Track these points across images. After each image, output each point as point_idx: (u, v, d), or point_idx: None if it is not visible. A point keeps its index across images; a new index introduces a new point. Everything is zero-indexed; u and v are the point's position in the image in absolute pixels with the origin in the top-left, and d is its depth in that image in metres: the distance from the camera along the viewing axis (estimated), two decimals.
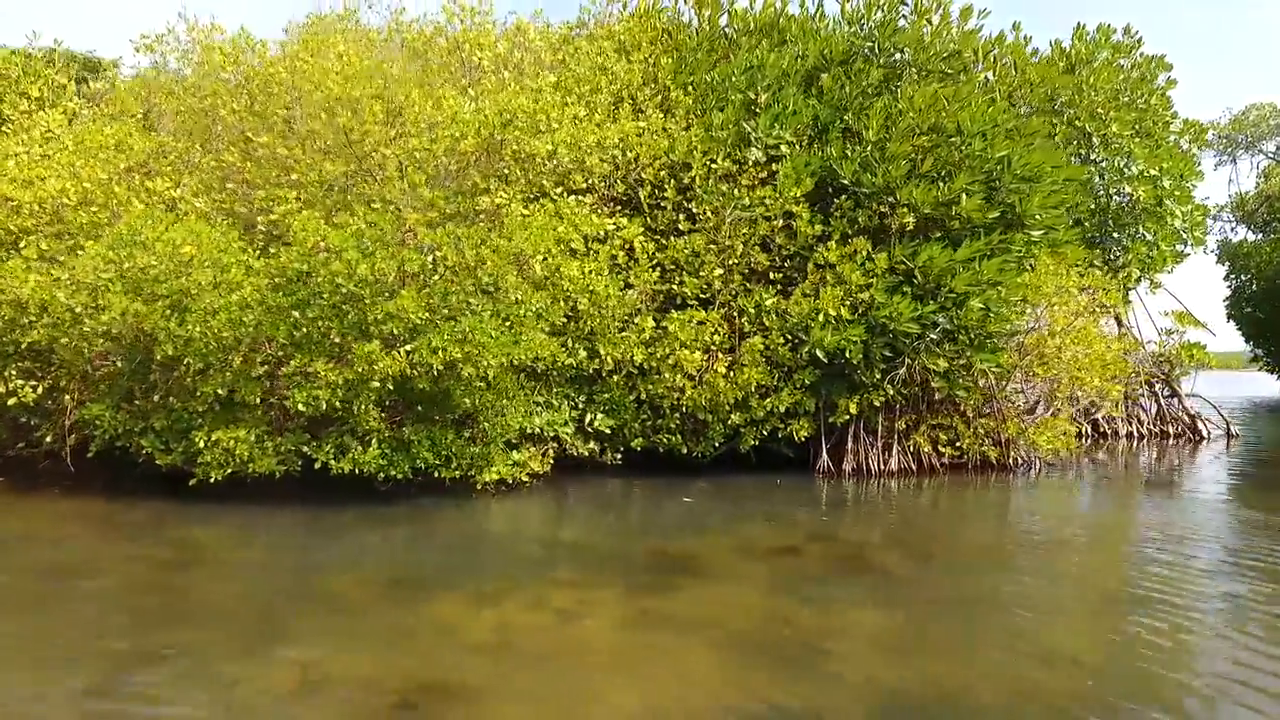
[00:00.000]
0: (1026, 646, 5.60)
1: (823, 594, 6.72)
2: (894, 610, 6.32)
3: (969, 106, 12.46)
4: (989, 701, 4.69)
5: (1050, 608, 6.50)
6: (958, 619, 6.18)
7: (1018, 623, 6.14)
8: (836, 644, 5.58)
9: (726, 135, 12.64)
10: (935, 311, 12.16)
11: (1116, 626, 6.00)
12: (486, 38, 13.60)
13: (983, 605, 6.56)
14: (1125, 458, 17.07)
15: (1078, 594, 6.96)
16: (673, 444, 12.83)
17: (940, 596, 6.75)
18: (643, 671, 5.09)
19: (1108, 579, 7.48)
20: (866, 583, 7.15)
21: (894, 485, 12.53)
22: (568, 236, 11.25)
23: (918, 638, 5.73)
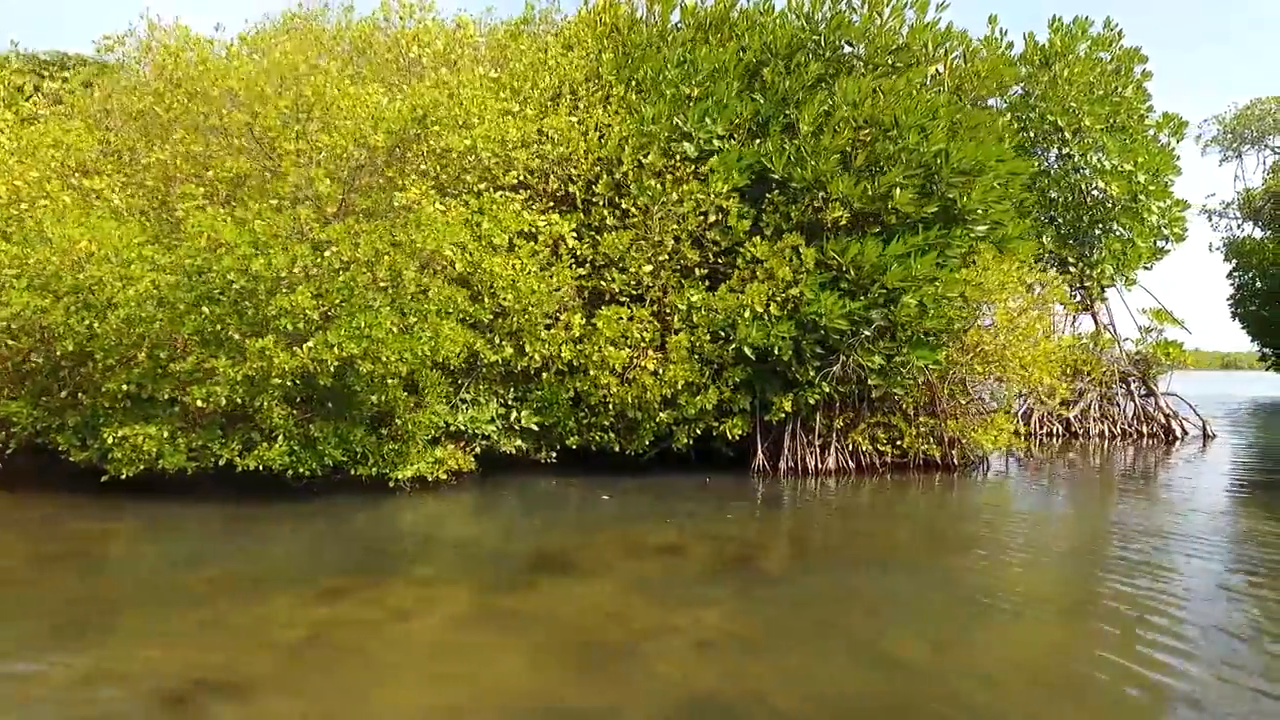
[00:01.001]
0: (864, 649, 5.45)
1: (681, 594, 6.59)
2: (746, 611, 6.18)
3: (905, 99, 12.25)
4: (784, 705, 4.56)
5: (914, 611, 6.32)
6: (809, 620, 6.02)
7: (870, 624, 5.98)
8: (666, 644, 5.46)
9: (660, 130, 12.51)
10: (867, 308, 11.97)
11: (968, 631, 5.84)
12: (427, 35, 13.55)
13: (845, 606, 6.40)
14: (1088, 458, 16.74)
15: (951, 597, 6.76)
16: (605, 442, 12.73)
17: (805, 597, 6.59)
18: (447, 670, 5.01)
19: (992, 582, 7.27)
20: (735, 583, 7.00)
21: (829, 484, 12.36)
22: (489, 233, 11.19)
23: (753, 639, 5.59)
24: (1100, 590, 6.89)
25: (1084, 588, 7.07)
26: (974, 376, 13.21)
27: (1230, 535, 9.02)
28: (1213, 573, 7.37)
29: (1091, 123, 19.66)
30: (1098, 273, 20.48)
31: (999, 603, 6.48)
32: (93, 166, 12.99)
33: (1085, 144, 19.75)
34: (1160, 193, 20.26)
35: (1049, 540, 9.13)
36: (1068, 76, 20.13)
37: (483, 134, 10.95)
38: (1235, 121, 45.05)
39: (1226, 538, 8.88)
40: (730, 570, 7.44)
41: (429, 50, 13.41)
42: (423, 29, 13.49)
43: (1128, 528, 9.59)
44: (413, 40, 13.29)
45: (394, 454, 10.69)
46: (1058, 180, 20.43)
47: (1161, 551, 8.19)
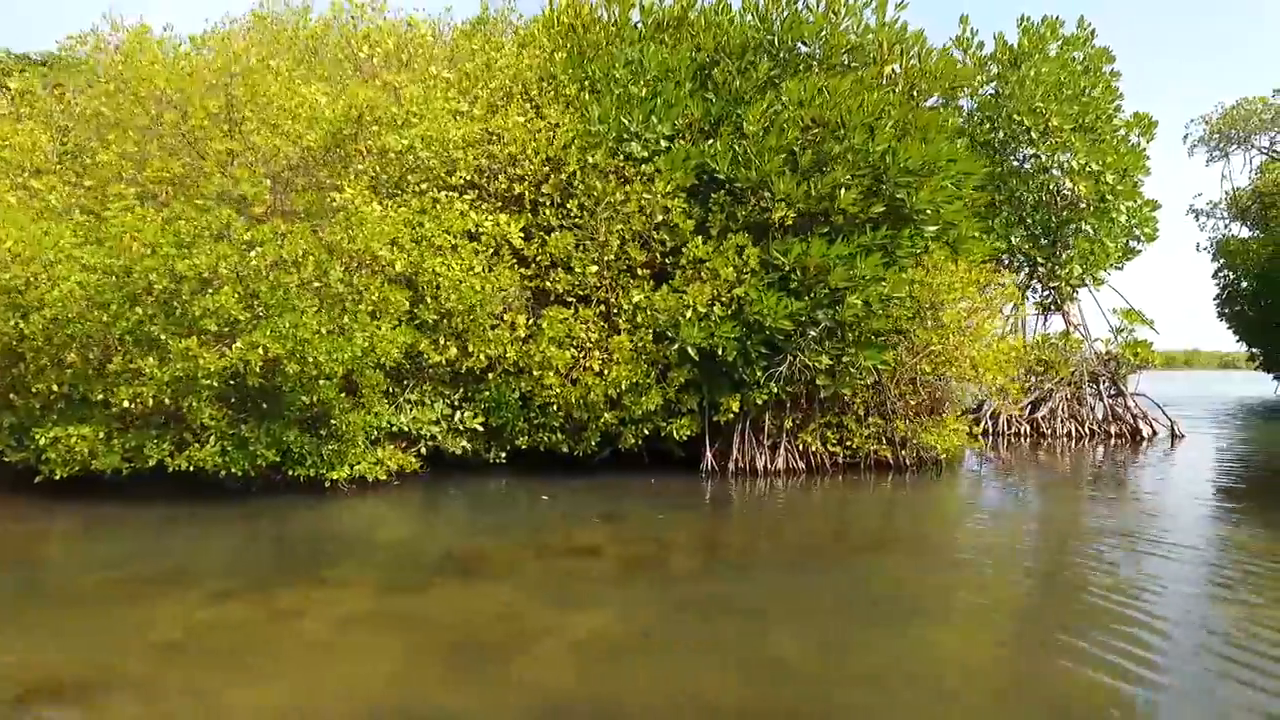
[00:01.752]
0: (746, 651, 5.43)
1: (580, 596, 6.58)
2: (639, 613, 6.16)
3: (851, 99, 12.22)
4: (640, 708, 4.54)
5: (811, 612, 6.29)
6: (701, 622, 6.00)
7: (761, 626, 5.94)
8: (543, 646, 5.44)
9: (608, 130, 12.49)
10: (812, 308, 11.96)
11: (860, 633, 5.81)
12: (378, 34, 13.55)
13: (741, 608, 6.37)
14: (1052, 458, 16.71)
15: (856, 598, 6.72)
16: (553, 443, 12.72)
17: (705, 599, 6.56)
18: (313, 670, 4.99)
19: (904, 583, 7.25)
20: (639, 585, 6.99)
21: (777, 485, 12.33)
22: (431, 234, 11.18)
23: (635, 642, 5.57)
24: (1013, 592, 6.88)
25: (997, 589, 7.05)
26: (927, 377, 13.15)
27: (1170, 536, 8.99)
28: (1141, 574, 7.35)
29: (1059, 122, 19.62)
30: (1065, 272, 20.45)
31: (903, 604, 6.47)
32: (47, 167, 12.99)
33: (1052, 144, 19.72)
34: (1129, 193, 20.23)
35: (977, 541, 9.11)
36: (1035, 76, 20.11)
37: (421, 134, 10.93)
38: (1221, 121, 45.01)
39: (1167, 538, 8.86)
40: (639, 572, 7.42)
41: (380, 50, 13.41)
42: (373, 29, 13.48)
43: (1067, 527, 9.59)
44: (363, 40, 13.28)
45: (333, 455, 10.69)
46: (1026, 180, 20.41)
47: (1094, 552, 8.17)
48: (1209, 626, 5.83)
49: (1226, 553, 8.21)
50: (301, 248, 9.06)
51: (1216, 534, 9.13)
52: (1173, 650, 5.37)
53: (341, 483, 10.70)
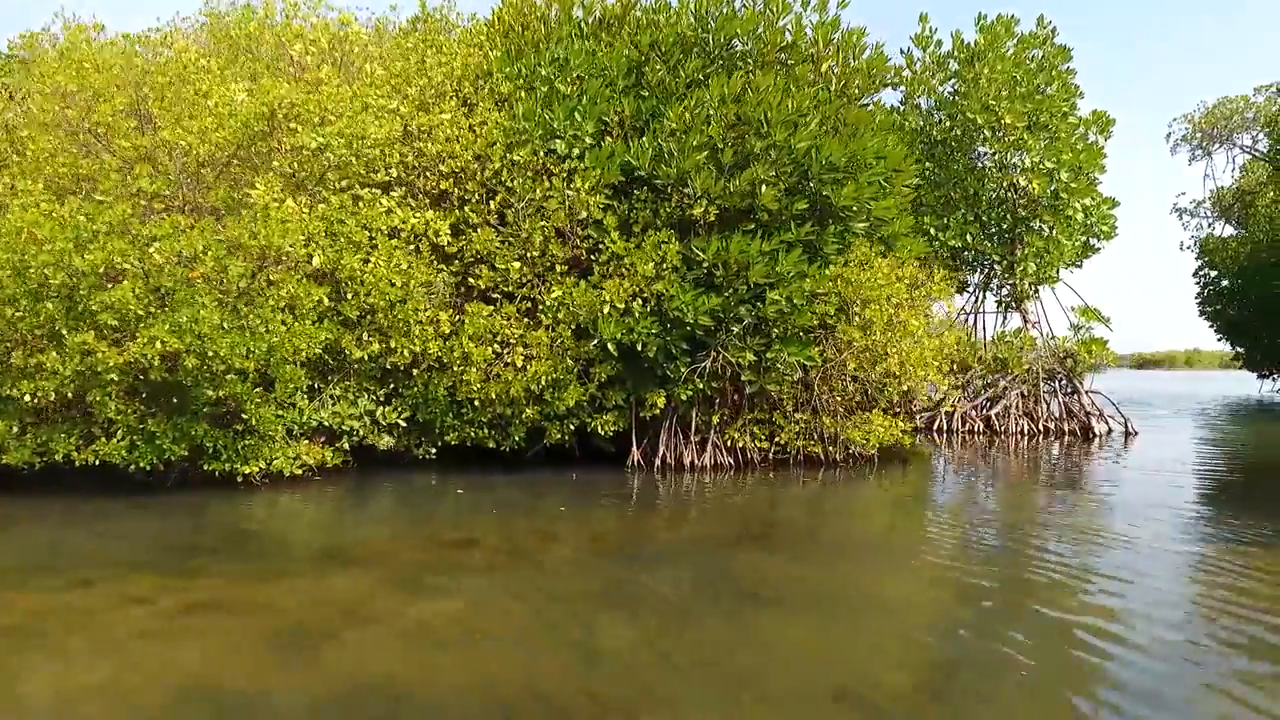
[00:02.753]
0: (574, 639, 5.48)
1: (435, 586, 6.64)
2: (485, 603, 6.21)
3: (772, 96, 12.27)
4: (443, 692, 4.59)
5: (656, 603, 6.31)
6: (542, 612, 6.03)
7: (600, 616, 5.99)
8: (371, 633, 5.49)
9: (535, 128, 12.56)
10: (734, 304, 12.01)
11: (696, 624, 5.85)
12: (313, 32, 13.63)
13: (591, 599, 6.41)
14: (1003, 454, 16.75)
15: (714, 591, 6.73)
16: (480, 438, 12.80)
17: (553, 589, 6.57)
18: (128, 655, 5.06)
19: (771, 575, 7.29)
20: (496, 574, 7.04)
21: (703, 480, 12.36)
22: (348, 231, 11.26)
23: (466, 630, 5.61)
24: (888, 587, 6.91)
25: (872, 583, 7.07)
26: (854, 373, 13.19)
27: (1070, 530, 9.04)
28: (1025, 569, 7.41)
29: (1012, 120, 19.66)
30: (1020, 270, 20.48)
31: (764, 597, 6.49)
32: None
33: (1006, 142, 19.76)
34: (1083, 190, 20.25)
35: (875, 535, 9.15)
36: (989, 75, 20.16)
37: (339, 131, 11.01)
38: (1204, 120, 44.91)
39: (1065, 532, 8.90)
40: (508, 562, 7.47)
41: (314, 48, 13.49)
42: (306, 28, 13.56)
43: (973, 521, 9.63)
44: (295, 38, 13.36)
45: (247, 449, 10.77)
46: (982, 178, 20.45)
47: (991, 545, 8.23)
48: (1076, 626, 5.88)
49: (1114, 545, 8.26)
50: (201, 244, 9.13)
51: (1111, 526, 9.16)
52: (1024, 647, 5.42)
53: (254, 477, 10.78)
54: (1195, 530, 9.03)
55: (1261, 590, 6.56)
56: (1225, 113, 44.02)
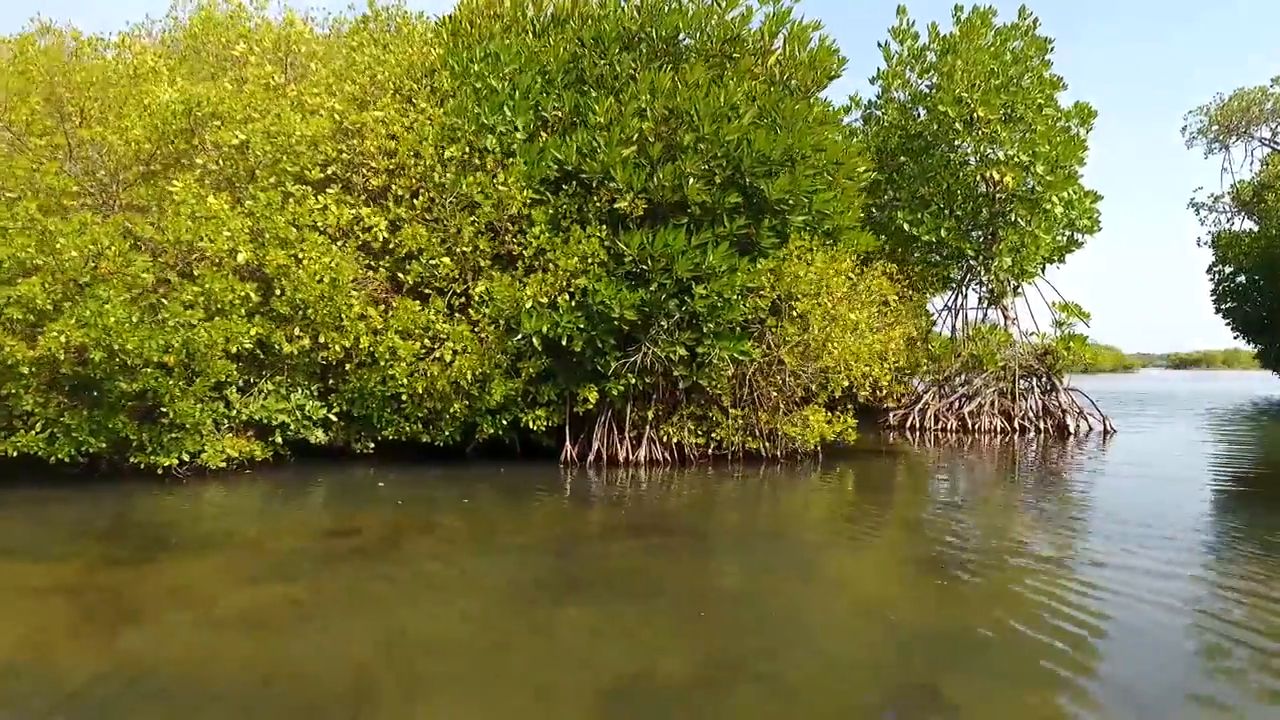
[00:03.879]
0: (381, 624, 5.49)
1: (282, 570, 6.72)
2: (318, 590, 6.23)
3: (701, 89, 12.20)
4: (223, 676, 4.64)
5: (482, 591, 6.28)
6: (369, 598, 6.07)
7: (422, 607, 5.97)
8: (180, 617, 5.54)
9: (467, 124, 12.61)
10: (663, 298, 11.95)
11: (500, 611, 5.85)
12: (257, 33, 13.83)
13: (424, 588, 6.39)
14: (957, 453, 16.49)
15: (547, 581, 6.67)
16: (414, 433, 12.88)
17: (396, 576, 6.61)
18: None
19: (613, 569, 7.24)
20: (353, 562, 7.06)
21: (637, 475, 12.31)
22: (274, 227, 11.41)
23: (275, 616, 5.65)
24: (740, 581, 6.84)
25: (721, 576, 7.02)
26: (792, 368, 13.06)
27: (967, 529, 8.89)
28: (893, 568, 7.30)
29: (985, 113, 19.33)
30: (996, 265, 20.14)
31: (596, 587, 6.48)
32: None
33: (979, 136, 19.43)
34: (1060, 184, 19.83)
35: (765, 530, 9.05)
36: (962, 67, 19.86)
37: (260, 129, 11.15)
38: (1219, 113, 43.81)
39: (955, 527, 8.76)
40: (370, 553, 7.45)
41: (258, 48, 13.69)
42: (250, 28, 13.76)
43: (881, 519, 9.52)
44: (239, 38, 13.57)
45: (171, 442, 10.96)
46: (956, 172, 20.13)
47: (881, 541, 8.11)
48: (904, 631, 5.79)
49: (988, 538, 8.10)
50: (105, 240, 9.30)
51: (1009, 530, 8.98)
52: (826, 645, 5.35)
53: (176, 470, 10.96)
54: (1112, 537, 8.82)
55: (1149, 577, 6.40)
56: (1242, 104, 42.90)
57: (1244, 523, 9.17)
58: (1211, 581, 6.60)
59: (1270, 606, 5.84)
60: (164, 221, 9.94)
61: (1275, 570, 6.82)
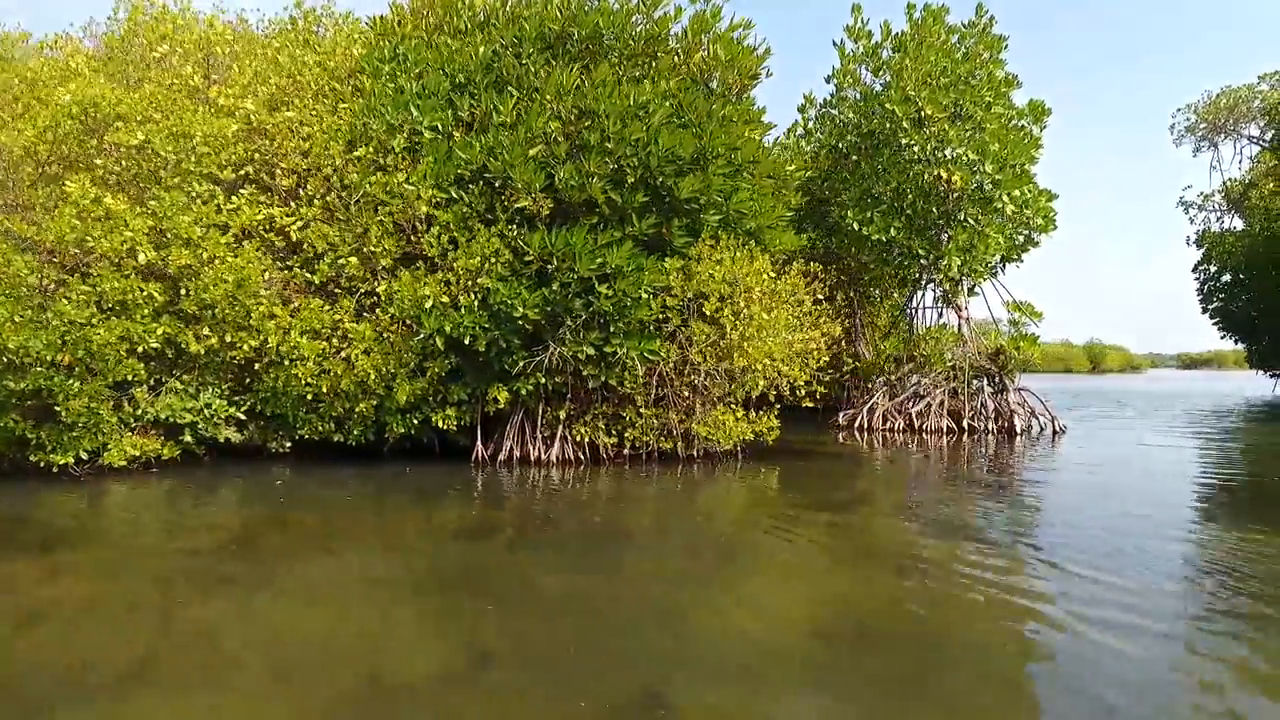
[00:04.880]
0: (154, 618, 5.51)
1: (118, 567, 6.79)
2: (124, 585, 6.30)
3: (605, 88, 12.17)
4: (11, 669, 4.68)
5: (297, 590, 6.31)
6: (165, 592, 6.10)
7: (211, 599, 5.97)
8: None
9: (378, 124, 12.63)
10: (562, 298, 11.93)
11: (299, 608, 5.86)
12: (182, 33, 13.91)
13: (227, 583, 6.38)
14: (891, 453, 16.40)
15: (374, 580, 6.72)
16: (326, 432, 12.92)
17: (216, 572, 6.63)
18: None
19: (451, 567, 7.25)
20: (195, 557, 7.12)
21: (545, 475, 12.28)
22: (176, 227, 11.47)
23: (60, 609, 5.69)
24: (579, 578, 6.82)
25: (561, 572, 7.00)
26: (704, 368, 13.02)
27: (838, 530, 8.84)
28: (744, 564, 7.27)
29: (932, 111, 19.21)
30: (944, 265, 20.00)
31: (402, 587, 6.48)
32: None
33: (925, 134, 19.31)
34: (1010, 182, 19.68)
35: (638, 529, 9.02)
36: (910, 65, 19.75)
37: (161, 130, 11.21)
38: (1207, 110, 43.42)
39: (836, 524, 8.71)
40: (204, 549, 7.48)
41: (180, 48, 13.77)
42: (171, 29, 13.83)
43: (756, 522, 9.47)
44: (160, 40, 13.64)
45: (70, 440, 11.04)
46: (906, 171, 20.01)
47: (742, 542, 8.08)
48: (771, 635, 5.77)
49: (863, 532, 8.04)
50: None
51: (891, 535, 8.92)
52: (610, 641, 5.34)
53: (73, 468, 11.03)
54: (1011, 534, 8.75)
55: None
56: (1229, 102, 42.50)
57: (1115, 513, 9.08)
58: (1057, 585, 6.54)
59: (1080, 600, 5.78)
60: (48, 222, 10.00)
61: (1114, 566, 6.75)
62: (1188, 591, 6.30)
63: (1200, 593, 6.28)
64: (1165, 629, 5.37)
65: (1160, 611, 5.72)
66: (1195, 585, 6.48)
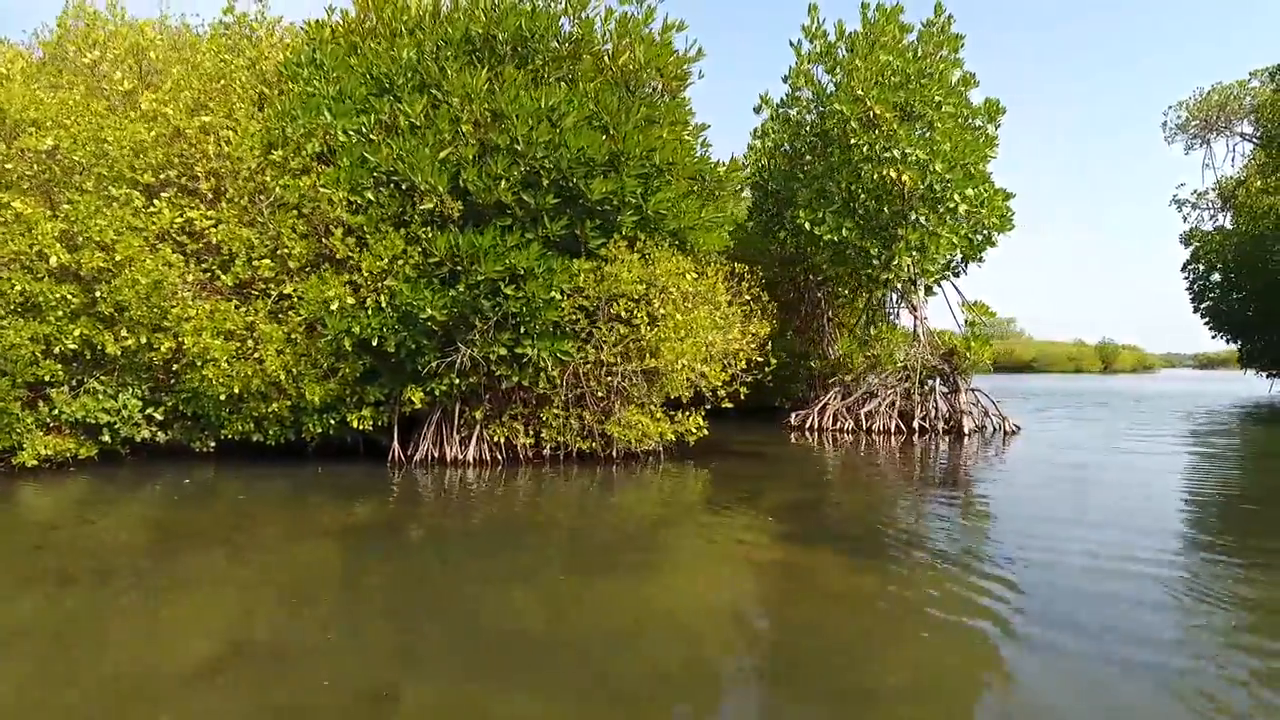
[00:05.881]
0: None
1: None
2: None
3: (511, 90, 12.26)
4: None
5: (132, 589, 6.47)
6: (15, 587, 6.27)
7: (37, 594, 6.15)
8: None
9: (295, 129, 12.78)
10: (470, 299, 12.02)
11: (129, 601, 6.00)
12: (115, 40, 14.14)
13: (67, 579, 6.54)
14: (834, 454, 16.39)
15: (214, 576, 6.88)
16: (245, 432, 13.09)
17: (59, 568, 6.80)
18: None
19: (289, 564, 7.37)
20: (28, 555, 7.28)
21: (461, 476, 12.37)
22: (88, 230, 11.68)
23: None
24: (373, 577, 6.93)
25: (374, 574, 7.10)
26: (620, 368, 13.08)
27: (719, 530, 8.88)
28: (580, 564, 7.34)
29: (882, 110, 19.15)
30: (895, 265, 19.92)
31: (232, 580, 6.60)
32: None
33: (874, 134, 19.25)
34: (962, 182, 19.58)
35: (495, 529, 9.09)
36: (860, 65, 19.71)
37: (73, 135, 11.43)
38: (1198, 107, 42.94)
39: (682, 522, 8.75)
40: (57, 544, 7.66)
41: (110, 54, 14.00)
42: (103, 35, 14.07)
43: (631, 523, 9.53)
44: (90, 46, 13.88)
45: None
46: (856, 171, 19.95)
47: (582, 548, 8.16)
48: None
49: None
50: None
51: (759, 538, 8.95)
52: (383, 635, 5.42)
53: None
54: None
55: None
56: (1220, 99, 42.03)
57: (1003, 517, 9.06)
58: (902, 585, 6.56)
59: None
60: None
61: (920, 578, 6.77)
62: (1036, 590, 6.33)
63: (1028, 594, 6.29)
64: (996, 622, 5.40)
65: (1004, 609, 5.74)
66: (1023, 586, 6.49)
